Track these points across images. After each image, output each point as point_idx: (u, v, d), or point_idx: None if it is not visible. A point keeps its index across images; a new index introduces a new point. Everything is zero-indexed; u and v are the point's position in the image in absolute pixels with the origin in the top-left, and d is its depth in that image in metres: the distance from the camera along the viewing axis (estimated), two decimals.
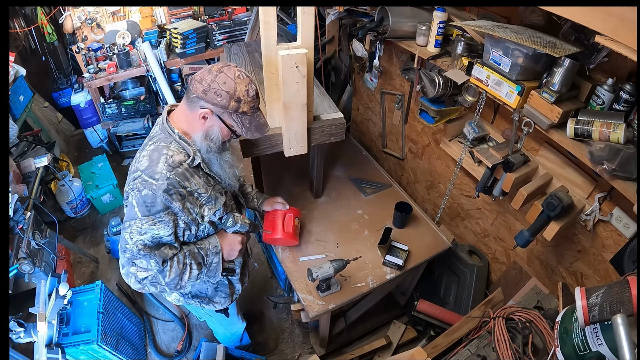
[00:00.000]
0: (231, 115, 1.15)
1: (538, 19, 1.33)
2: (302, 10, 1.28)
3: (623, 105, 1.16)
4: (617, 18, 0.89)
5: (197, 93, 1.12)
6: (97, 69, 3.24)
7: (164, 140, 1.18)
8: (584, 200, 1.43)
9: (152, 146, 1.18)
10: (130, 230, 1.13)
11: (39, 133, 2.81)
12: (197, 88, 1.12)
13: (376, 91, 2.54)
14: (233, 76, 1.11)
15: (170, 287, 1.22)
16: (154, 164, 1.13)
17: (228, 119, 1.17)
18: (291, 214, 1.74)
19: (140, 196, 1.11)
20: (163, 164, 1.13)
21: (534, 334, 1.37)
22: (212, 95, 1.11)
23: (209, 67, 1.14)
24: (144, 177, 1.12)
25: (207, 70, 1.13)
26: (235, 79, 1.11)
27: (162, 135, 1.20)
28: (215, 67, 1.13)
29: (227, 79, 1.11)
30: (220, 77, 1.11)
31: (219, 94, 1.11)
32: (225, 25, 3.48)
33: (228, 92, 1.11)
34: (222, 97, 1.11)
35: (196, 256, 1.26)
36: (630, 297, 0.87)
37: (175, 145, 1.19)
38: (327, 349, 2.16)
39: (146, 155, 1.16)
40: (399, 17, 1.79)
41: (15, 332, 1.64)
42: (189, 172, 1.18)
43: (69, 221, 3.03)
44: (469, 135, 1.72)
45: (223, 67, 1.13)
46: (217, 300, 1.52)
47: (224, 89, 1.10)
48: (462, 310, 2.08)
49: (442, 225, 2.33)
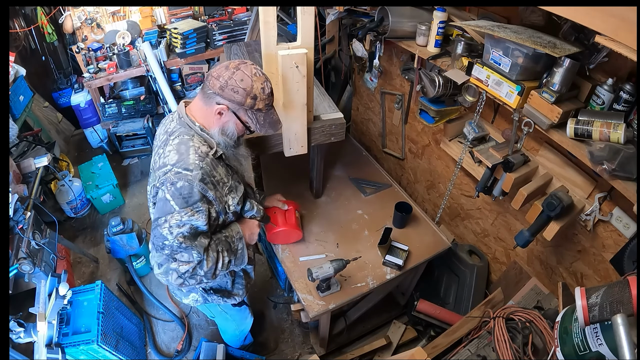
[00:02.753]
0: (247, 111, 1.18)
1: (538, 19, 1.33)
2: (302, 10, 1.28)
3: (623, 105, 1.16)
4: (617, 18, 0.89)
5: (214, 89, 1.14)
6: (97, 69, 3.24)
7: (186, 134, 1.20)
8: (584, 200, 1.43)
9: (176, 140, 1.19)
10: (169, 225, 1.13)
11: (39, 133, 2.81)
12: (214, 84, 1.14)
13: (376, 91, 2.54)
14: (250, 74, 1.13)
15: (208, 276, 1.24)
16: (185, 156, 1.15)
17: (243, 116, 1.19)
18: (291, 207, 1.76)
19: (175, 189, 1.12)
20: (194, 155, 1.15)
21: (534, 334, 1.37)
22: (229, 91, 1.13)
23: (225, 63, 1.16)
24: (177, 170, 1.13)
25: (224, 66, 1.15)
26: (252, 77, 1.13)
27: (182, 129, 1.21)
28: (232, 64, 1.14)
29: (244, 76, 1.13)
30: (237, 74, 1.12)
31: (235, 90, 1.12)
32: (225, 25, 3.48)
33: (245, 90, 1.13)
34: (238, 94, 1.13)
35: (224, 243, 1.29)
36: (630, 297, 0.87)
37: (198, 137, 1.21)
38: (327, 349, 2.16)
39: (173, 150, 1.17)
40: (399, 17, 1.79)
41: (15, 332, 1.64)
42: (214, 163, 1.21)
43: (69, 221, 3.03)
44: (469, 135, 1.72)
45: (240, 64, 1.15)
46: (235, 292, 1.54)
47: (241, 86, 1.12)
48: (462, 310, 2.08)
49: (442, 225, 2.33)
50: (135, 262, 2.51)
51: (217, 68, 1.16)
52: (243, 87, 1.13)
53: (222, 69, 1.14)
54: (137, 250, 2.45)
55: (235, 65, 1.14)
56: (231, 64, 1.15)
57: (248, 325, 1.90)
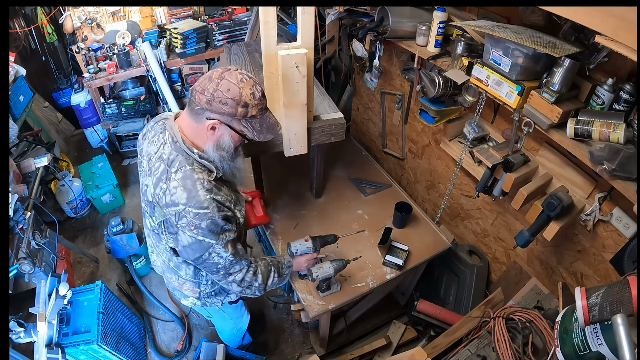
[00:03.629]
0: (240, 121, 1.10)
1: (538, 19, 1.33)
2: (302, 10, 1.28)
3: (623, 105, 1.16)
4: (617, 18, 0.89)
5: (200, 104, 1.07)
6: (97, 69, 3.24)
7: (186, 162, 1.13)
8: (584, 200, 1.43)
9: (179, 174, 1.12)
10: (216, 253, 1.19)
11: (39, 133, 2.81)
12: (200, 99, 1.07)
13: (376, 91, 2.54)
14: (236, 81, 1.06)
15: (260, 290, 1.37)
16: (194, 193, 1.10)
17: (237, 126, 1.12)
18: (256, 199, 1.80)
19: (201, 229, 1.13)
20: (202, 190, 1.11)
21: (534, 334, 1.37)
22: (217, 104, 1.06)
23: (208, 74, 1.09)
24: (194, 211, 1.11)
25: (207, 78, 1.08)
26: (238, 84, 1.06)
27: (180, 157, 1.14)
28: (215, 74, 1.07)
29: (230, 85, 1.05)
30: (222, 84, 1.05)
31: (224, 102, 1.05)
32: (225, 25, 3.48)
33: (234, 99, 1.05)
34: (228, 105, 1.06)
35: (277, 266, 1.44)
36: (630, 297, 0.87)
37: (198, 165, 1.15)
38: (327, 349, 2.16)
39: (178, 186, 1.11)
40: (399, 17, 1.79)
41: (15, 332, 1.64)
42: (218, 185, 1.18)
43: (69, 221, 3.03)
44: (469, 135, 1.72)
45: (223, 72, 1.08)
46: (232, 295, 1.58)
47: (228, 96, 1.05)
48: (462, 310, 2.08)
49: (442, 225, 2.33)
50: (135, 262, 2.51)
51: (200, 81, 1.09)
52: (231, 97, 1.05)
53: (206, 81, 1.07)
54: (137, 250, 2.45)
55: (218, 75, 1.06)
56: (214, 74, 1.08)
57: (245, 323, 1.90)
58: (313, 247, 1.62)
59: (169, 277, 1.47)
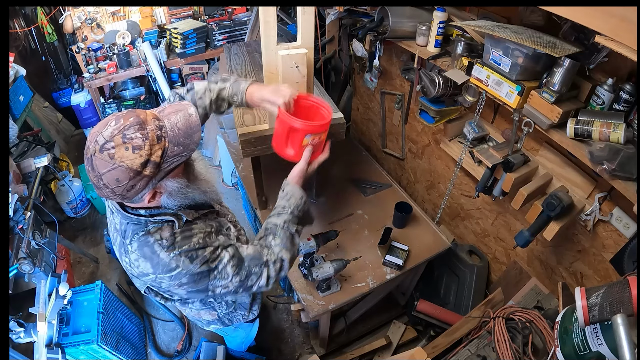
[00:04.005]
0: (163, 169, 0.89)
1: (538, 19, 1.33)
2: (302, 10, 1.28)
3: (623, 105, 1.16)
4: (617, 18, 0.88)
5: (115, 200, 0.92)
6: (97, 69, 3.25)
7: (138, 230, 0.97)
8: (584, 200, 1.43)
9: (134, 244, 0.97)
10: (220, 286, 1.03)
11: (39, 133, 2.81)
12: (109, 196, 0.87)
13: (376, 91, 2.54)
14: (109, 164, 0.82)
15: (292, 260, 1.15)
16: (157, 259, 0.95)
17: (165, 172, 0.90)
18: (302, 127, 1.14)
19: (186, 284, 0.98)
20: (164, 252, 0.95)
21: (534, 334, 1.37)
22: (128, 193, 0.86)
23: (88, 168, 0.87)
24: (166, 276, 0.97)
25: (94, 178, 0.85)
26: (115, 164, 0.81)
27: (131, 225, 0.97)
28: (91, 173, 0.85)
29: (112, 175, 0.82)
30: (107, 179, 0.83)
31: (129, 188, 0.85)
32: (225, 25, 3.48)
33: (131, 177, 0.83)
34: (135, 185, 0.85)
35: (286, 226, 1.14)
36: (630, 297, 0.87)
37: (152, 225, 0.97)
38: (327, 349, 2.16)
39: (139, 257, 0.97)
40: (399, 17, 1.79)
41: (15, 332, 1.64)
42: (184, 231, 1.00)
43: (69, 221, 3.03)
44: (469, 135, 1.72)
45: (93, 165, 0.84)
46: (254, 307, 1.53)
47: (125, 182, 0.83)
48: (462, 310, 2.08)
49: (442, 225, 2.32)
50: None
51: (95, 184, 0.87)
52: (126, 179, 0.83)
53: (97, 182, 0.85)
54: None
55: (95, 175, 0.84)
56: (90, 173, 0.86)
57: (255, 331, 1.90)
58: (316, 245, 1.61)
59: (183, 309, 1.42)
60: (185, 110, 0.91)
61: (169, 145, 0.87)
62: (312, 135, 1.15)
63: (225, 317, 1.45)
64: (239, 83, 1.21)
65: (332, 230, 1.67)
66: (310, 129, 1.13)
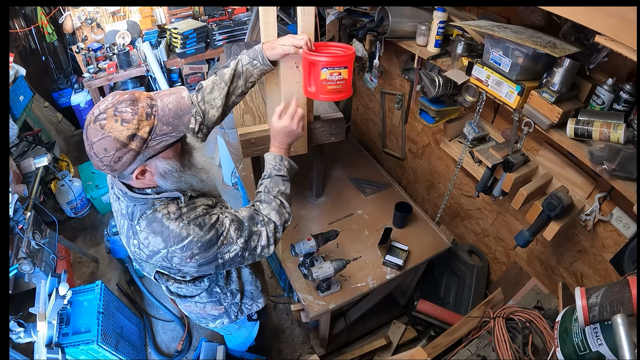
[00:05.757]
0: (150, 146, 0.90)
1: (538, 19, 1.33)
2: (302, 10, 1.27)
3: (623, 105, 1.16)
4: (617, 18, 0.88)
5: (107, 172, 0.95)
6: (97, 69, 3.25)
7: (146, 209, 1.01)
8: (584, 200, 1.43)
9: (142, 223, 1.00)
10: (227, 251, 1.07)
11: (39, 133, 2.82)
12: (103, 170, 0.92)
13: (376, 91, 2.54)
14: (100, 134, 0.86)
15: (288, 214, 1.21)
16: (167, 231, 0.99)
17: (153, 150, 0.92)
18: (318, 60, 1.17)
19: (198, 254, 1.02)
20: (174, 224, 0.99)
21: (534, 334, 1.37)
22: (116, 165, 0.89)
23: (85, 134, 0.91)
24: (178, 247, 0.99)
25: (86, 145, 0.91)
26: (104, 134, 0.86)
27: (138, 206, 1.01)
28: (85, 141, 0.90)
29: (101, 144, 0.87)
30: (96, 148, 0.88)
31: (116, 159, 0.88)
32: (225, 25, 3.49)
33: (118, 149, 0.87)
34: (122, 158, 0.88)
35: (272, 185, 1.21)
36: (630, 297, 0.87)
37: (159, 202, 1.01)
38: (327, 349, 2.16)
39: (148, 235, 1.00)
40: (399, 17, 1.79)
41: (15, 332, 1.64)
42: (189, 204, 1.05)
43: (69, 221, 3.03)
44: (469, 135, 1.72)
45: (86, 135, 0.89)
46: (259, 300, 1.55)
47: (112, 153, 0.87)
48: (462, 310, 2.08)
49: (442, 225, 2.33)
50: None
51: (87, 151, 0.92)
52: (113, 150, 0.86)
53: (89, 150, 0.90)
54: None
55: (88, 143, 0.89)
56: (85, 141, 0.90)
57: (255, 331, 1.90)
58: (316, 245, 1.61)
59: (187, 307, 1.42)
60: (178, 93, 0.95)
61: (158, 124, 0.90)
62: (329, 70, 1.18)
63: (231, 309, 1.46)
64: (249, 51, 1.25)
65: (332, 230, 1.67)
66: (326, 62, 1.17)
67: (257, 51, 1.23)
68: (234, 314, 1.49)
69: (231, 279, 1.39)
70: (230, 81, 1.24)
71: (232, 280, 1.39)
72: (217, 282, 1.34)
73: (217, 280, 1.33)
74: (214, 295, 1.36)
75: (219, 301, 1.39)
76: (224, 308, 1.43)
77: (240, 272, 1.44)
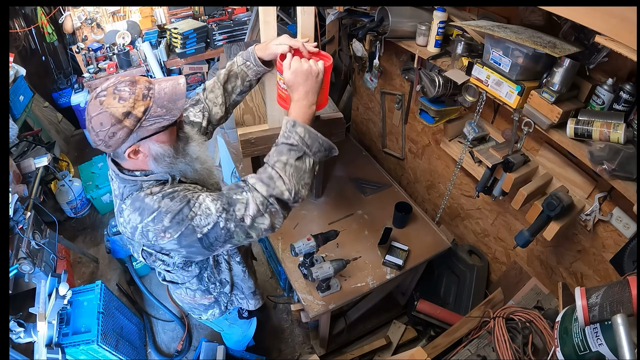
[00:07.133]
0: (143, 126, 0.94)
1: (538, 19, 1.33)
2: (302, 10, 1.28)
3: (623, 105, 1.16)
4: (617, 18, 0.88)
5: (102, 149, 0.97)
6: (97, 69, 3.25)
7: (134, 190, 1.03)
8: (584, 200, 1.43)
9: (128, 201, 1.03)
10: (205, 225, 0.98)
11: (39, 133, 2.81)
12: (98, 145, 0.96)
13: (376, 91, 2.54)
14: (98, 108, 0.91)
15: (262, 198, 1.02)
16: (143, 205, 0.99)
17: (147, 131, 0.95)
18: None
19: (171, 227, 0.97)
20: (149, 198, 0.99)
21: (534, 334, 1.37)
22: (109, 140, 0.93)
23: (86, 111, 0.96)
24: (149, 219, 0.98)
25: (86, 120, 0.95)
26: (101, 109, 0.90)
27: (128, 186, 1.04)
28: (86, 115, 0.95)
29: (98, 119, 0.91)
30: (94, 123, 0.92)
31: (111, 135, 0.92)
32: (225, 25, 3.49)
33: (113, 124, 0.90)
34: (116, 133, 0.92)
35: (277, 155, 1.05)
36: (630, 297, 0.87)
37: (147, 184, 1.03)
38: (327, 349, 2.16)
39: (131, 212, 1.01)
40: (399, 17, 1.79)
41: (15, 332, 1.64)
42: (175, 186, 1.04)
43: (69, 221, 3.03)
44: (469, 135, 1.72)
45: (88, 110, 0.94)
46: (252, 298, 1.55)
47: (107, 127, 0.91)
48: (462, 310, 2.08)
49: (442, 225, 2.32)
50: (135, 262, 2.51)
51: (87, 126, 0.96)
52: (109, 125, 0.90)
53: (88, 125, 0.94)
54: None
55: (88, 118, 0.93)
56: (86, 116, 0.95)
57: (253, 330, 1.90)
58: (316, 245, 1.61)
59: (179, 294, 1.44)
60: (175, 80, 1.00)
61: (153, 105, 0.94)
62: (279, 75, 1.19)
63: (221, 299, 1.46)
64: (243, 52, 1.29)
65: (332, 230, 1.67)
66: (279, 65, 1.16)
67: (250, 52, 1.26)
68: (224, 304, 1.49)
69: (220, 268, 1.38)
70: (225, 81, 1.28)
71: (221, 270, 1.38)
72: (206, 269, 1.33)
73: (206, 267, 1.33)
74: (203, 284, 1.37)
75: (207, 290, 1.40)
76: (213, 297, 1.44)
77: (231, 265, 1.41)
